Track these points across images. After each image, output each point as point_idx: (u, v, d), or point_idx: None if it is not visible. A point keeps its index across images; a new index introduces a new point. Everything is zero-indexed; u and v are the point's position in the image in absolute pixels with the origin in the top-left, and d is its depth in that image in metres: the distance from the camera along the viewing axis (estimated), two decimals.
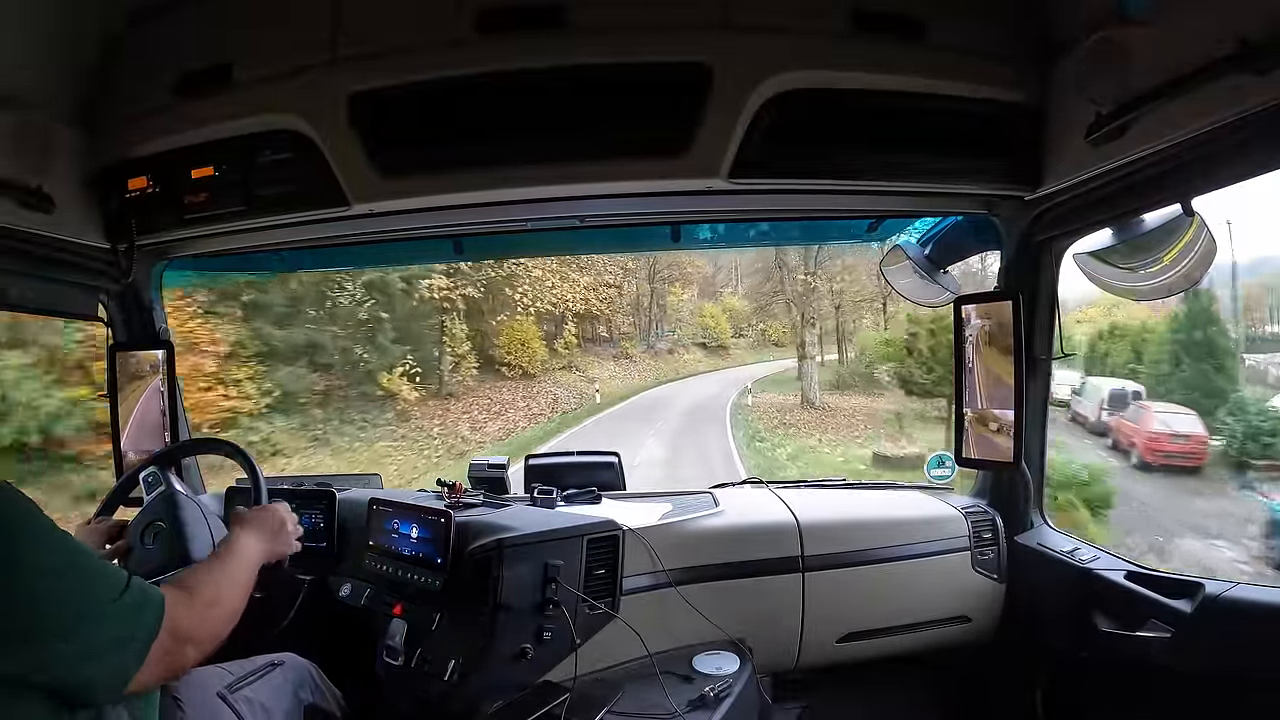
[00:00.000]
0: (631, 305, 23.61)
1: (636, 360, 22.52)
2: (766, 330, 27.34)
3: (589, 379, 18.90)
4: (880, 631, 1.82)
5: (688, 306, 25.71)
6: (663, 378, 22.26)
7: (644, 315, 24.13)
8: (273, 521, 1.21)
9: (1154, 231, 1.41)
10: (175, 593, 0.89)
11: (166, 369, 1.92)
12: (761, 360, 25.53)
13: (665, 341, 24.27)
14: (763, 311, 25.29)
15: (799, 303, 19.36)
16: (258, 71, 1.46)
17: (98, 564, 0.84)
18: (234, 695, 1.22)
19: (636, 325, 23.76)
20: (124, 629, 0.81)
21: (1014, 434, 1.68)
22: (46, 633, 0.75)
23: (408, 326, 13.32)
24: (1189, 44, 1.07)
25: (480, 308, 15.34)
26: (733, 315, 26.57)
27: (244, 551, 1.09)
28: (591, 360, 20.22)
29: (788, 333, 26.82)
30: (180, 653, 0.88)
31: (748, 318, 26.90)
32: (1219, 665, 1.35)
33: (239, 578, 1.04)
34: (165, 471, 1.35)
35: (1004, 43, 1.44)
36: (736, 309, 26.83)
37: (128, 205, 1.60)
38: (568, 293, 18.07)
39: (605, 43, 1.38)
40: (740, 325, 27.06)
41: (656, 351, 23.55)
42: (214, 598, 0.96)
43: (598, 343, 21.57)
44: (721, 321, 26.05)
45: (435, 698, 1.42)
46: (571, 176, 1.45)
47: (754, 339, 27.48)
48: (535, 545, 1.48)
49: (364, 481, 2.12)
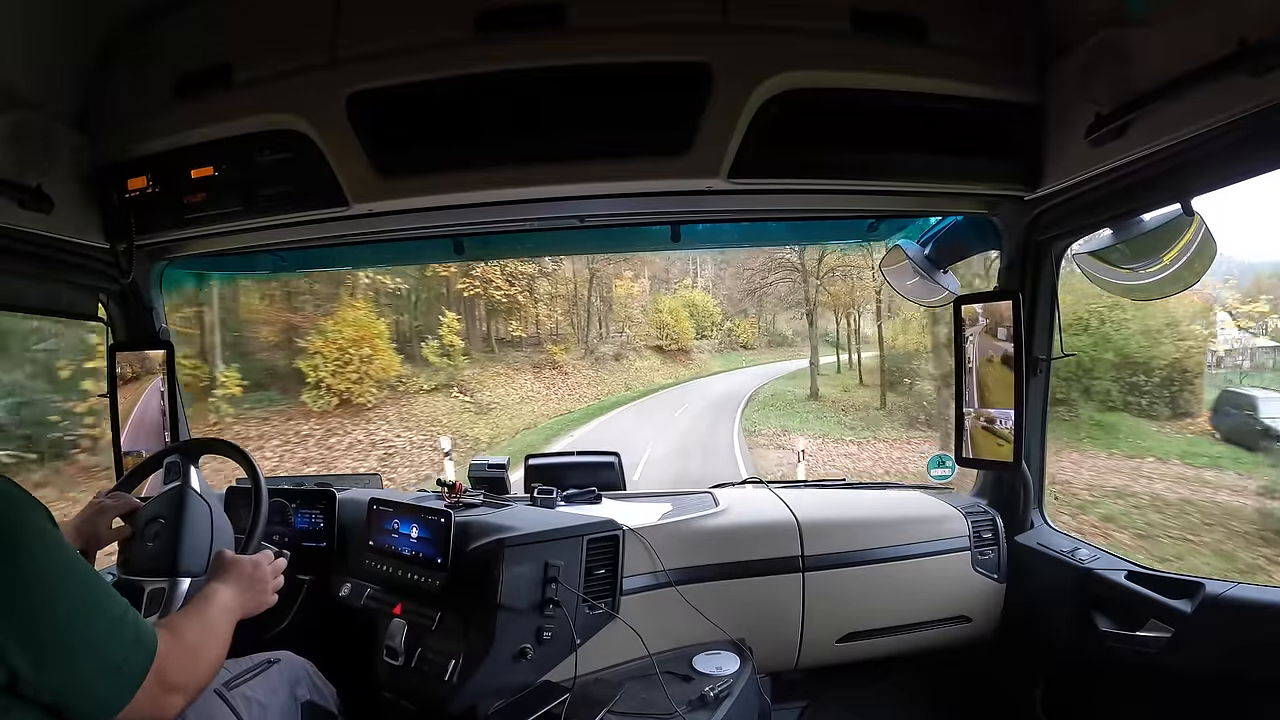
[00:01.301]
0: (569, 299, 18.83)
1: (569, 371, 17.38)
2: (734, 330, 24.28)
3: (476, 407, 12.95)
4: (880, 631, 1.81)
5: (639, 301, 21.37)
6: (605, 401, 16.72)
7: (582, 310, 19.14)
8: (254, 575, 1.17)
9: (1154, 231, 1.41)
10: (166, 636, 0.87)
11: (167, 369, 1.92)
12: (735, 366, 21.94)
13: (611, 344, 19.81)
14: (757, 303, 21.83)
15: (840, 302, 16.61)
16: (257, 71, 1.46)
17: (98, 587, 0.81)
18: (231, 692, 1.22)
19: (574, 323, 19.06)
20: (115, 660, 0.79)
21: (1014, 434, 1.68)
22: (37, 650, 0.73)
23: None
24: (1189, 44, 1.07)
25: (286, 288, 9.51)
26: (695, 311, 22.74)
27: (222, 604, 1.07)
28: (496, 373, 15.05)
29: (756, 333, 24.54)
30: (166, 700, 0.85)
31: (711, 315, 23.37)
32: (1219, 665, 1.35)
33: (219, 630, 1.02)
34: (187, 464, 1.34)
35: (1004, 43, 1.44)
36: (699, 305, 23.07)
37: (127, 205, 1.60)
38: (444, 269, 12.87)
39: (605, 43, 1.37)
40: (704, 324, 23.35)
41: (598, 357, 18.85)
42: (198, 646, 0.94)
43: (516, 346, 16.88)
44: (682, 319, 22.02)
45: (435, 698, 1.42)
46: (571, 176, 1.45)
47: (720, 341, 24.00)
48: (535, 545, 1.48)
49: (364, 481, 2.13)
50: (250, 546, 1.27)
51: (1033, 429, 1.80)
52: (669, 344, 21.53)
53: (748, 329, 24.87)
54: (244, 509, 1.37)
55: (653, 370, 20.16)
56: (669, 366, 20.88)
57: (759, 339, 24.72)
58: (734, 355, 23.80)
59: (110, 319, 1.90)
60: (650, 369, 20.15)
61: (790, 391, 18.09)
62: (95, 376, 7.82)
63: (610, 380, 18.29)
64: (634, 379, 19.21)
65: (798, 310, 20.09)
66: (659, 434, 12.79)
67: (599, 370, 18.24)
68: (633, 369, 19.47)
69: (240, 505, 1.44)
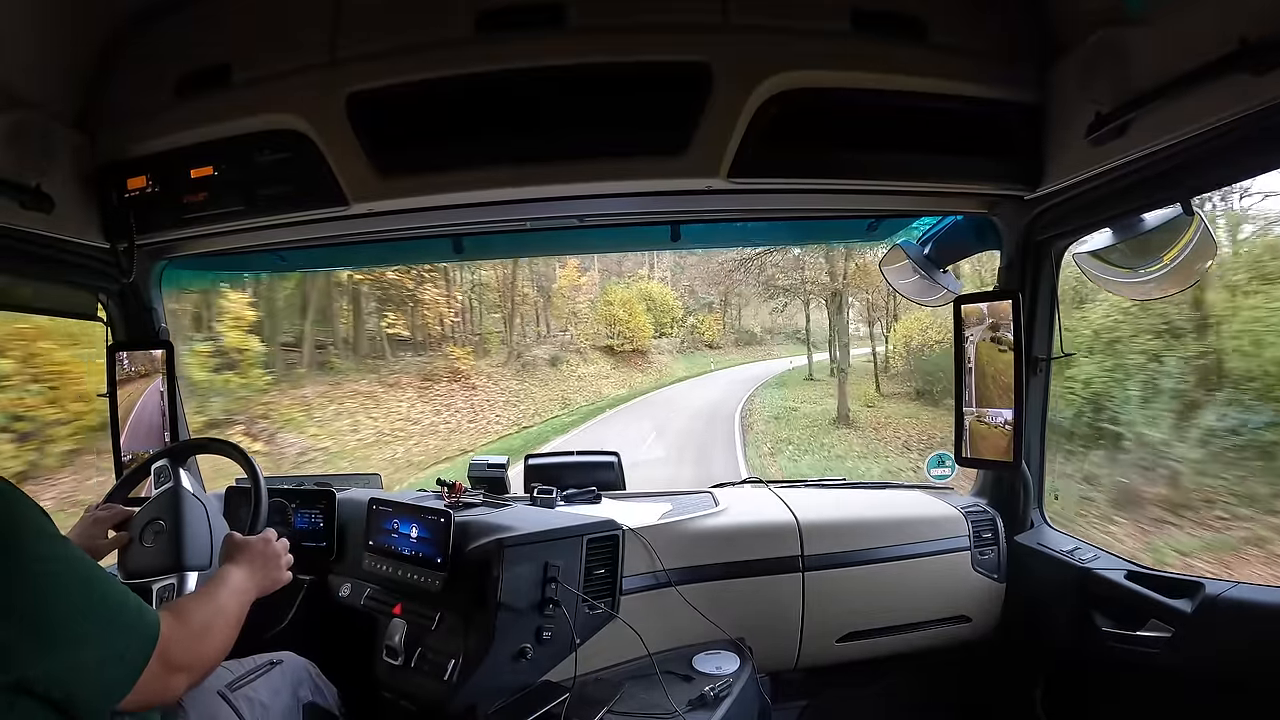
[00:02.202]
0: (502, 290, 15.37)
1: (478, 383, 12.74)
2: (698, 327, 21.15)
3: (274, 455, 7.36)
4: (880, 631, 1.81)
5: (589, 295, 18.01)
6: (529, 432, 11.67)
7: (508, 301, 15.48)
8: (265, 552, 1.19)
9: (1154, 231, 1.41)
10: (170, 619, 0.88)
11: (167, 369, 1.92)
12: (701, 370, 18.49)
13: (551, 344, 16.04)
14: (722, 296, 18.67)
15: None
16: (257, 71, 1.46)
17: (98, 578, 0.82)
18: (234, 694, 1.23)
19: (505, 319, 15.51)
20: (117, 648, 0.80)
21: (1014, 434, 1.68)
22: (38, 646, 0.74)
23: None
24: (1189, 44, 1.07)
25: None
26: (653, 305, 19.24)
27: (235, 585, 1.08)
28: (354, 391, 9.65)
29: (721, 331, 21.49)
30: (170, 680, 0.86)
31: (671, 309, 20.06)
32: (1219, 665, 1.35)
33: (230, 611, 1.03)
34: (176, 466, 1.34)
35: (1004, 43, 1.43)
36: (658, 298, 19.53)
37: (127, 205, 1.60)
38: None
39: (605, 43, 1.37)
40: (663, 320, 19.85)
41: (527, 363, 14.55)
42: (205, 628, 0.95)
43: (416, 349, 12.72)
44: (638, 315, 18.05)
45: (435, 697, 1.42)
46: (571, 176, 1.45)
47: (683, 339, 20.52)
48: (535, 545, 1.48)
49: (364, 481, 2.13)
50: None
51: (1033, 429, 1.80)
52: (622, 344, 17.52)
53: (712, 325, 21.76)
54: (244, 508, 1.37)
55: (601, 378, 16.07)
56: (622, 372, 16.94)
57: (725, 337, 21.85)
58: (699, 357, 20.05)
59: (110, 319, 1.90)
60: (597, 376, 16.04)
61: (798, 410, 13.91)
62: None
63: (541, 395, 13.79)
64: (575, 391, 14.96)
65: (781, 300, 17.04)
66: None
67: (527, 380, 13.70)
68: (574, 377, 15.34)
69: (240, 505, 1.44)
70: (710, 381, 17.30)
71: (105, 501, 1.39)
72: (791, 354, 20.59)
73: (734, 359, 21.40)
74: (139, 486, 1.45)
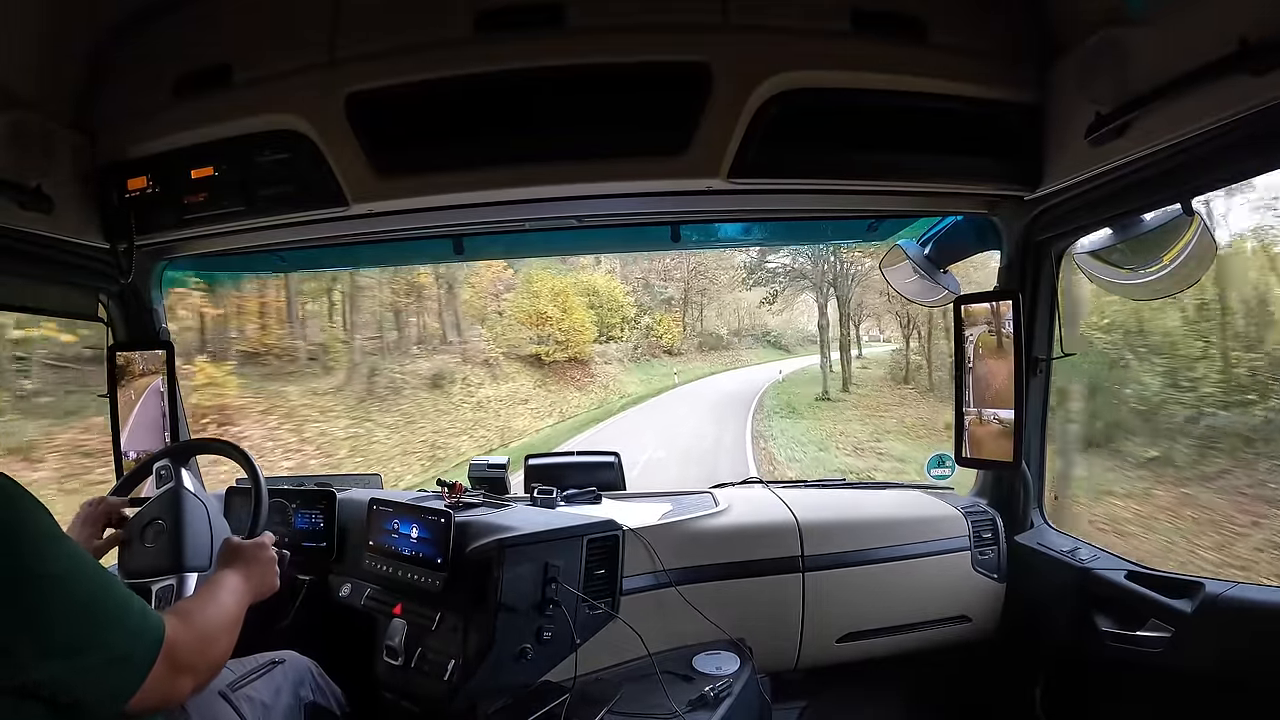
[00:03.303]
0: (411, 286, 11.95)
1: (250, 424, 8.21)
2: (654, 329, 17.07)
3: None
4: (880, 631, 1.81)
5: (522, 293, 13.66)
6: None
7: (401, 296, 11.89)
8: (260, 557, 1.19)
9: (1154, 231, 1.41)
10: (175, 621, 0.88)
11: (167, 369, 1.92)
12: (662, 386, 14.32)
13: (446, 356, 11.67)
14: (682, 292, 14.43)
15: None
16: (257, 71, 1.46)
17: (103, 581, 0.82)
18: (235, 694, 1.23)
19: (410, 322, 12.10)
20: (123, 652, 0.80)
21: (1014, 434, 1.68)
22: (43, 649, 0.73)
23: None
24: (1189, 44, 1.07)
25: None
26: (598, 301, 15.29)
27: (231, 587, 1.08)
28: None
29: (681, 334, 17.63)
30: (177, 682, 0.86)
31: (621, 307, 16.05)
32: (1219, 665, 1.35)
33: (231, 612, 1.03)
34: (178, 466, 1.34)
35: (1004, 43, 1.44)
36: (604, 292, 15.68)
37: (127, 205, 1.60)
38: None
39: (604, 43, 1.37)
40: (610, 320, 15.88)
41: (389, 383, 9.80)
42: (210, 630, 0.95)
43: (250, 362, 9.11)
44: (576, 313, 13.64)
45: (435, 698, 1.42)
46: (571, 176, 1.45)
47: (635, 344, 16.38)
48: (535, 545, 1.48)
49: (364, 481, 2.13)
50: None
51: (1033, 429, 1.80)
52: (552, 352, 12.74)
53: (672, 327, 17.61)
54: (244, 508, 1.37)
55: (515, 402, 10.80)
56: (551, 391, 12.02)
57: (687, 340, 18.08)
58: (657, 366, 16.07)
59: (110, 319, 1.90)
60: (510, 400, 10.85)
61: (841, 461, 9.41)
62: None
63: (386, 444, 8.41)
64: (465, 430, 9.40)
65: (774, 287, 14.55)
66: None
67: (376, 411, 8.57)
68: (471, 404, 10.07)
69: (240, 505, 1.44)
70: (678, 404, 11.98)
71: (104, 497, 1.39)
72: (765, 359, 17.73)
73: (699, 368, 17.38)
74: (139, 487, 1.46)
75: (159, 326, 1.96)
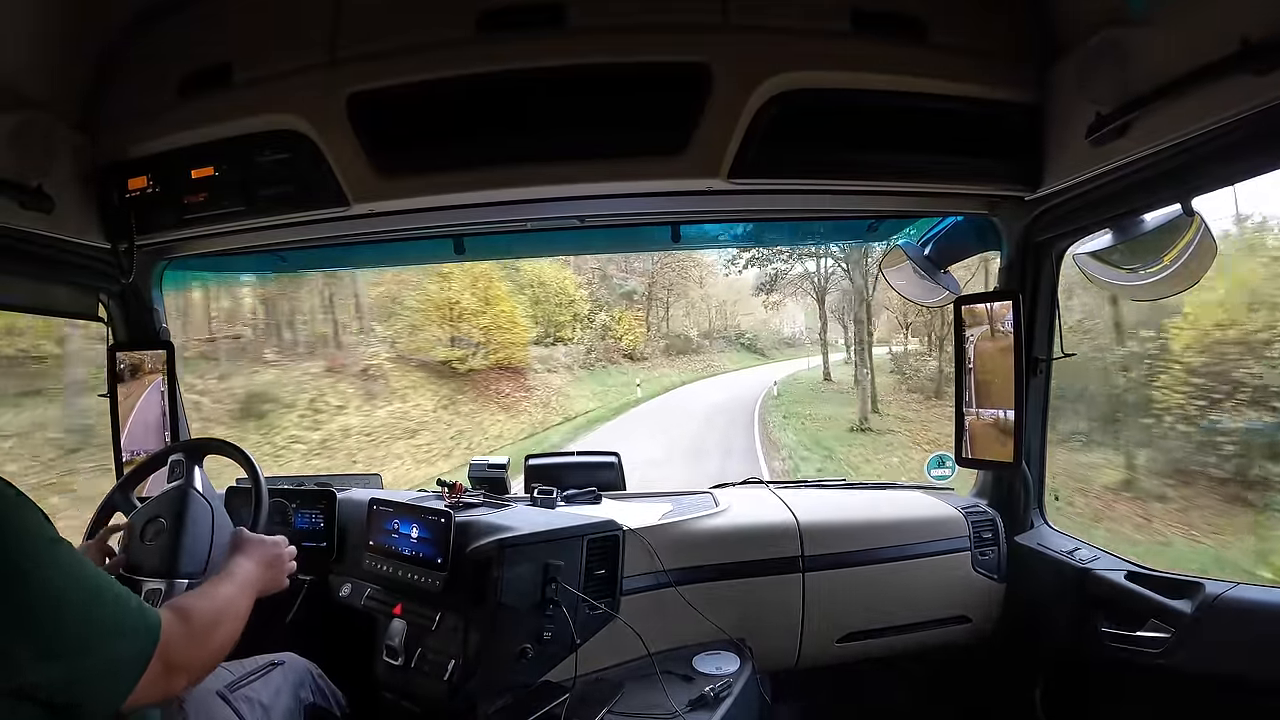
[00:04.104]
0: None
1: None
2: (612, 329, 14.42)
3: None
4: (880, 631, 1.81)
5: (430, 275, 10.36)
6: None
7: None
8: (273, 550, 1.20)
9: (1154, 231, 1.41)
10: (172, 618, 0.87)
11: (167, 369, 1.92)
12: (624, 402, 11.12)
13: (325, 358, 8.90)
14: (646, 286, 12.11)
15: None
16: (258, 71, 1.46)
17: (99, 583, 0.81)
18: (234, 695, 1.23)
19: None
20: (119, 653, 0.79)
21: (1014, 434, 1.68)
22: (39, 651, 0.73)
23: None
24: (1190, 44, 1.07)
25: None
26: (543, 294, 12.90)
27: (243, 578, 1.07)
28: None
29: (645, 336, 14.50)
30: (171, 680, 0.86)
31: (574, 302, 13.52)
32: (1219, 665, 1.35)
33: (239, 604, 1.02)
34: (191, 464, 1.34)
35: (1004, 43, 1.43)
36: (552, 284, 13.17)
37: (128, 205, 1.60)
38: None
39: (605, 43, 1.37)
40: (558, 319, 13.24)
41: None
42: (208, 627, 0.93)
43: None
44: (503, 304, 10.57)
45: (435, 698, 1.42)
46: (571, 176, 1.45)
47: (589, 346, 13.71)
48: (535, 545, 1.48)
49: (364, 481, 2.13)
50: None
51: (1033, 429, 1.80)
52: (468, 356, 9.47)
53: (634, 327, 15.18)
54: (244, 509, 1.37)
55: (390, 438, 7.88)
56: (463, 415, 8.81)
57: (651, 343, 15.69)
58: (615, 374, 13.25)
59: (111, 319, 1.91)
60: (381, 435, 7.93)
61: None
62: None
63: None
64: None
65: (780, 295, 12.94)
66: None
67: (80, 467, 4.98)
68: (295, 451, 7.11)
69: (240, 505, 1.44)
70: (642, 432, 9.10)
71: (117, 487, 1.40)
72: (741, 364, 15.50)
73: (667, 375, 14.61)
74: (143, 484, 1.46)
75: (159, 326, 1.96)
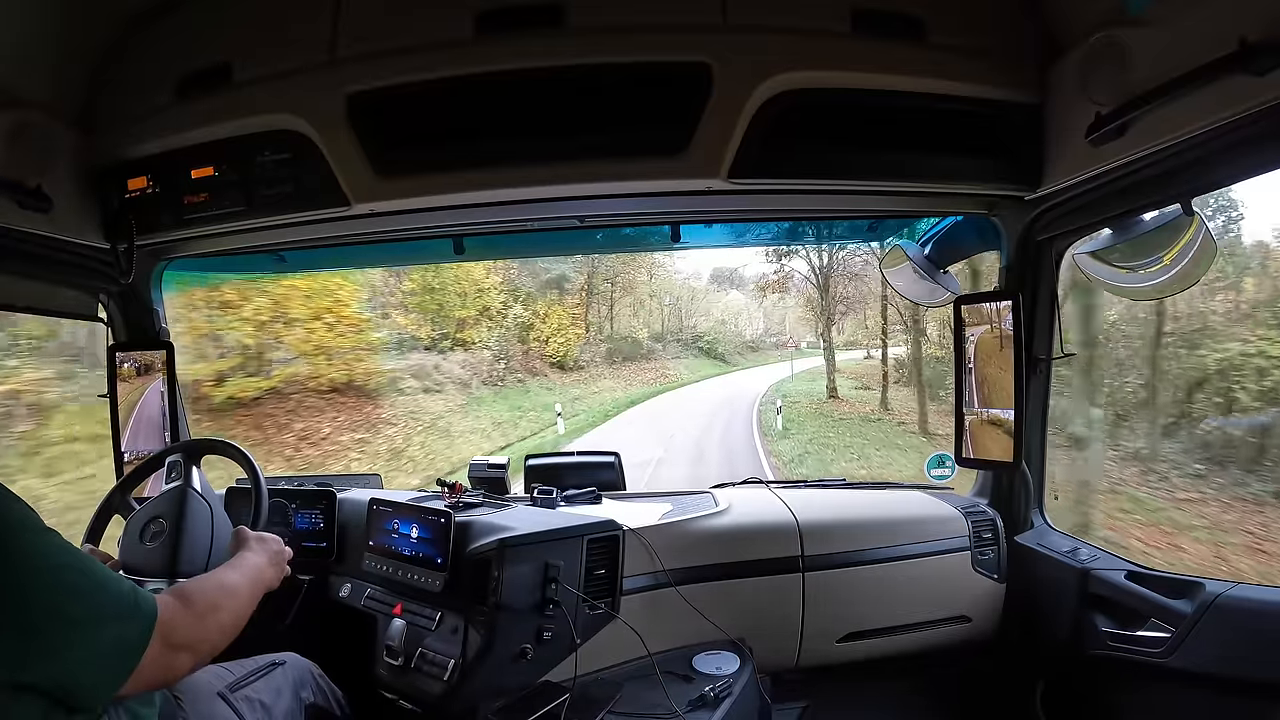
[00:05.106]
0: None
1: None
2: (538, 326, 11.80)
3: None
4: (880, 631, 1.81)
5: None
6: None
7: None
8: (274, 546, 1.22)
9: (1154, 231, 1.41)
10: (170, 600, 0.88)
11: (167, 369, 1.91)
12: (537, 432, 9.27)
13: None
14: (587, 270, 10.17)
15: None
16: (257, 71, 1.46)
17: (94, 571, 0.82)
18: (234, 695, 1.22)
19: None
20: (114, 639, 0.80)
21: (1014, 434, 1.68)
22: (38, 640, 0.73)
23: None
24: (1189, 44, 1.07)
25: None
26: (438, 283, 10.69)
27: (249, 566, 1.09)
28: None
29: (583, 338, 12.24)
30: (174, 660, 0.86)
31: (482, 292, 11.21)
32: (1219, 665, 1.35)
33: (242, 591, 1.03)
34: (190, 464, 1.34)
35: (1004, 43, 1.43)
36: (449, 266, 10.40)
37: (127, 205, 1.60)
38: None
39: (605, 43, 1.37)
40: (451, 313, 10.98)
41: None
42: (209, 608, 0.94)
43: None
44: (342, 294, 8.63)
45: (435, 698, 1.42)
46: (571, 176, 1.45)
47: (500, 352, 10.91)
48: (535, 545, 1.48)
49: (364, 481, 2.13)
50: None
51: (1033, 429, 1.80)
52: (254, 372, 7.28)
53: (566, 327, 11.96)
54: (244, 509, 1.37)
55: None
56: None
57: (591, 348, 13.07)
58: (534, 392, 10.69)
59: (110, 319, 1.91)
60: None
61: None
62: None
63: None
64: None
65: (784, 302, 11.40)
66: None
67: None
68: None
69: (240, 505, 1.44)
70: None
71: (117, 488, 1.40)
72: (700, 374, 12.87)
73: (607, 391, 11.61)
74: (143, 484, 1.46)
75: (159, 326, 1.96)
